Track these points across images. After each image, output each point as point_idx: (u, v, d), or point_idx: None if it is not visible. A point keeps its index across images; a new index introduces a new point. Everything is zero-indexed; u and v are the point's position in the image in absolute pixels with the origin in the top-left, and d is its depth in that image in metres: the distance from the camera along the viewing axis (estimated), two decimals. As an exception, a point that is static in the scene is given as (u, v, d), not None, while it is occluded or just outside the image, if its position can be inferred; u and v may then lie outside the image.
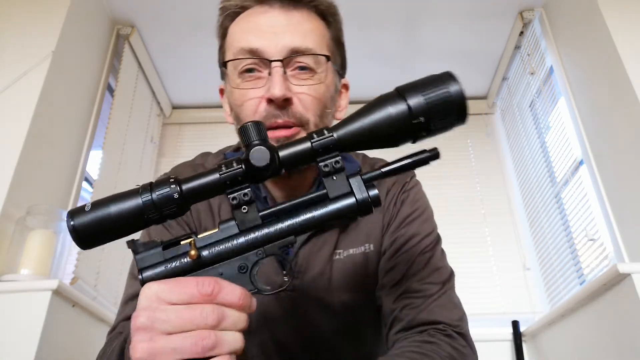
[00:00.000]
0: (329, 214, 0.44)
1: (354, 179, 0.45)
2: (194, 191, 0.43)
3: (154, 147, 2.61)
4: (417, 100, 0.44)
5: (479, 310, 2.26)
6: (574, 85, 2.02)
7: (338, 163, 0.44)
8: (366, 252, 0.73)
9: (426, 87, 0.44)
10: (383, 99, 0.45)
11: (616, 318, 1.44)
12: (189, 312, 0.39)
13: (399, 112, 0.44)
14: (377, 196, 0.45)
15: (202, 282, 0.40)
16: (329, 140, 0.44)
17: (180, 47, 2.41)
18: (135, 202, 0.42)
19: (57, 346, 1.37)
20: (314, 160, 0.44)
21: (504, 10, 2.25)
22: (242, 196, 0.43)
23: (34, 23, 1.83)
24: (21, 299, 1.34)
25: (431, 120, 0.44)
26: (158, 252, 0.44)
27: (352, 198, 0.44)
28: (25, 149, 1.58)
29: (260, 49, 0.66)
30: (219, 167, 0.43)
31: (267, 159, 0.42)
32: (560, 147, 2.09)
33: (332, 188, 0.45)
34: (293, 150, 0.44)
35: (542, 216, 2.25)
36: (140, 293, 0.41)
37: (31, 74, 1.71)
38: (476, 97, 2.82)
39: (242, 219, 0.44)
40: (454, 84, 0.44)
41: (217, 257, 0.44)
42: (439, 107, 0.44)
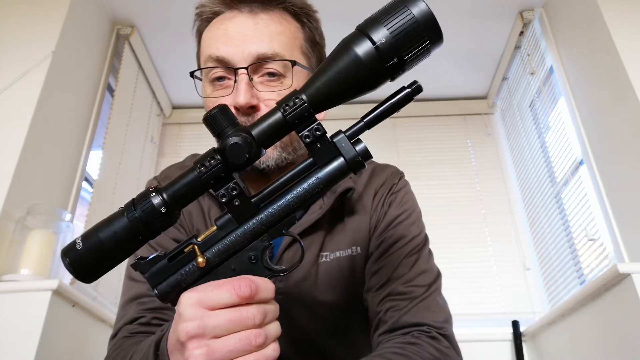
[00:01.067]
0: (321, 181, 0.43)
1: (338, 139, 0.43)
2: (177, 197, 0.42)
3: (154, 147, 2.61)
4: (382, 36, 0.39)
5: (479, 310, 2.27)
6: (574, 85, 2.02)
7: (318, 130, 0.42)
8: (353, 255, 0.72)
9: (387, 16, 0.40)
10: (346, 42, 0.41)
11: (616, 318, 1.44)
12: (237, 314, 0.40)
13: (367, 55, 0.40)
14: (366, 150, 0.43)
15: (238, 286, 0.41)
16: (302, 109, 0.41)
17: (180, 47, 2.40)
18: (122, 223, 0.41)
19: (57, 346, 1.37)
20: (292, 130, 0.42)
21: (504, 10, 2.25)
22: (230, 191, 0.42)
23: (34, 23, 1.83)
24: (21, 299, 1.34)
25: (404, 54, 0.40)
26: (165, 265, 0.44)
27: (340, 158, 0.43)
28: (25, 149, 1.58)
29: (226, 57, 0.66)
30: (196, 167, 0.41)
31: (245, 152, 0.40)
32: (560, 147, 2.09)
33: (319, 155, 0.43)
34: (266, 126, 0.42)
35: (542, 216, 2.25)
36: (179, 304, 0.42)
37: (31, 74, 1.71)
38: (476, 97, 2.82)
39: (237, 211, 0.43)
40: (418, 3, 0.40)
41: (223, 255, 0.43)
42: (408, 36, 0.39)
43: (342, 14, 2.26)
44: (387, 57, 0.40)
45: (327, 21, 0.98)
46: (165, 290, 0.43)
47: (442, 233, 2.39)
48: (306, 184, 0.43)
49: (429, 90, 2.73)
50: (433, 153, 2.67)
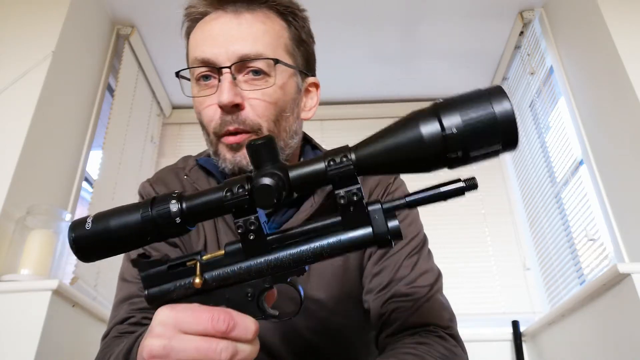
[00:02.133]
0: (342, 244, 0.41)
1: (374, 209, 0.41)
2: (196, 211, 0.41)
3: (154, 147, 2.61)
4: (454, 124, 0.36)
5: (479, 310, 2.26)
6: (574, 85, 2.02)
7: (356, 196, 0.39)
8: (343, 260, 0.72)
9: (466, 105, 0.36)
10: (416, 115, 0.38)
11: (616, 318, 1.44)
12: (205, 345, 0.39)
13: (431, 139, 0.36)
14: (398, 228, 0.40)
15: (217, 318, 0.40)
16: (346, 169, 0.39)
17: (180, 47, 2.39)
18: (134, 218, 0.41)
19: (57, 346, 1.37)
20: (329, 184, 0.40)
21: (504, 10, 2.25)
22: (248, 225, 0.41)
23: (34, 23, 1.83)
24: (21, 299, 1.34)
25: (470, 149, 0.36)
26: (163, 271, 0.43)
27: (369, 229, 0.41)
28: (25, 149, 1.58)
29: (211, 58, 0.67)
30: (224, 189, 0.40)
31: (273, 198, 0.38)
32: (560, 147, 2.09)
33: (349, 218, 0.41)
34: (305, 172, 0.40)
35: (542, 216, 2.25)
36: (154, 318, 0.41)
37: (31, 74, 1.71)
38: (476, 97, 2.81)
39: (249, 245, 0.42)
40: (502, 101, 0.35)
41: (222, 283, 0.42)
42: (479, 132, 0.36)
43: (342, 14, 2.26)
44: (452, 149, 0.36)
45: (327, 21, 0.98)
46: (155, 295, 0.43)
47: (442, 233, 2.39)
48: (326, 242, 0.41)
49: (429, 90, 2.73)
50: (433, 153, 2.67)
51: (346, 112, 2.75)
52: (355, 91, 2.74)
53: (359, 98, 2.78)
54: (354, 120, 2.75)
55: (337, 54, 2.43)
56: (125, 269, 0.74)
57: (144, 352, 0.40)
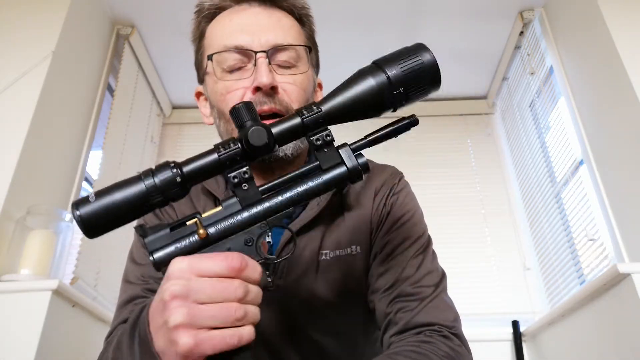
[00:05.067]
0: (323, 183, 0.48)
1: (343, 150, 0.48)
2: (194, 172, 0.45)
3: (154, 147, 2.61)
4: (395, 72, 0.47)
5: (479, 310, 2.26)
6: (574, 85, 2.02)
7: (328, 136, 0.48)
8: (353, 254, 0.73)
9: (402, 58, 0.48)
10: (364, 72, 0.48)
11: (616, 318, 1.44)
12: (221, 284, 0.42)
13: (379, 84, 0.47)
14: (366, 163, 0.48)
15: (231, 257, 0.43)
16: (318, 115, 0.47)
17: (180, 47, 2.40)
18: (138, 187, 0.43)
19: (57, 346, 1.37)
20: (305, 134, 0.47)
21: (504, 10, 2.25)
22: (242, 174, 0.46)
23: (34, 23, 1.83)
24: (21, 299, 1.34)
25: (409, 89, 0.48)
26: (166, 233, 0.46)
27: (343, 167, 0.48)
28: (25, 149, 1.58)
29: (244, 44, 0.69)
30: (217, 148, 0.45)
31: (265, 137, 0.45)
32: (560, 147, 2.09)
33: (324, 160, 0.48)
34: (285, 126, 0.46)
35: (542, 216, 2.25)
36: (169, 269, 0.43)
37: (31, 74, 1.71)
38: (476, 97, 2.82)
39: (243, 195, 0.46)
40: (426, 53, 0.48)
41: (223, 234, 0.46)
42: (415, 76, 0.48)
43: (342, 15, 2.26)
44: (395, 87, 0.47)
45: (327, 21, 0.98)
46: (161, 258, 0.45)
47: (442, 233, 2.39)
48: (309, 183, 0.47)
49: (429, 90, 2.73)
50: (433, 153, 2.67)
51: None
52: (355, 91, 2.73)
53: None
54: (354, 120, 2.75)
55: (339, 54, 2.43)
56: (129, 271, 0.74)
57: (165, 294, 0.42)
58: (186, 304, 0.41)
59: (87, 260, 1.78)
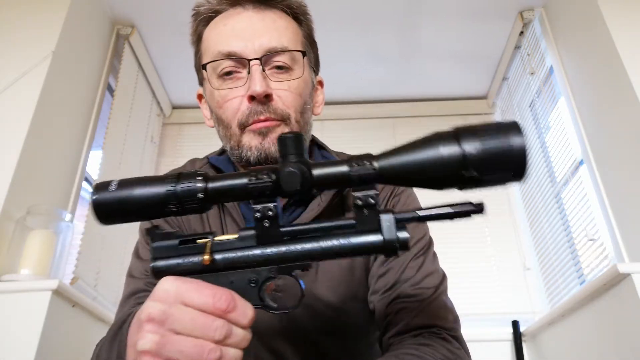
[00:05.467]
0: (350, 246, 0.43)
1: (386, 217, 0.43)
2: (219, 191, 0.42)
3: (154, 147, 2.61)
4: (472, 149, 0.39)
5: (479, 310, 2.26)
6: (574, 85, 2.02)
7: (373, 199, 0.42)
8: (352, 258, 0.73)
9: (486, 134, 0.40)
10: (438, 136, 0.41)
11: (616, 318, 1.44)
12: (202, 318, 0.40)
13: (450, 157, 0.40)
14: (407, 240, 0.43)
15: (219, 296, 0.40)
16: (368, 173, 0.41)
17: (180, 47, 2.40)
18: (158, 190, 0.42)
19: (57, 346, 1.37)
20: (348, 187, 0.42)
21: (504, 10, 2.25)
22: (266, 211, 0.42)
23: (34, 23, 1.83)
24: (21, 299, 1.34)
25: (484, 173, 0.40)
26: (174, 245, 0.44)
27: (379, 236, 0.42)
28: (25, 149, 1.58)
29: (237, 51, 0.68)
30: (249, 174, 0.42)
31: (298, 184, 0.41)
32: (560, 147, 2.09)
33: (361, 221, 0.43)
34: (328, 172, 0.42)
35: (542, 216, 2.25)
36: (157, 286, 0.42)
37: (31, 74, 1.71)
38: (476, 97, 2.82)
39: (263, 232, 0.43)
40: (518, 136, 0.39)
41: (229, 265, 0.43)
42: (495, 160, 0.39)
43: (341, 15, 2.26)
44: (467, 167, 0.40)
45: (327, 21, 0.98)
46: (161, 268, 0.43)
47: (442, 233, 2.38)
48: (336, 241, 0.43)
49: (429, 90, 2.73)
50: (433, 153, 2.67)
51: (346, 112, 2.75)
52: (355, 91, 2.74)
53: (359, 98, 2.78)
54: (354, 120, 2.75)
55: (337, 54, 2.43)
56: (133, 266, 0.74)
57: (142, 314, 0.41)
58: (160, 330, 0.39)
59: (87, 260, 1.78)
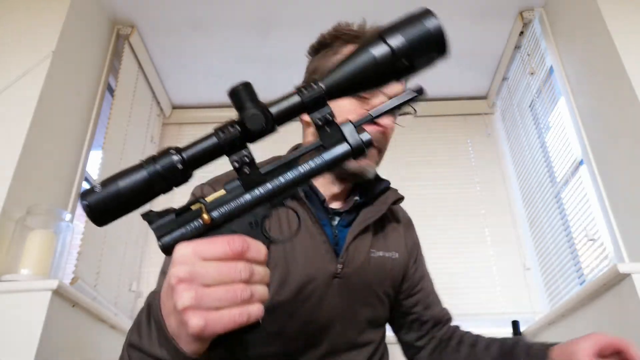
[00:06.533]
0: (324, 162, 0.47)
1: (346, 127, 0.47)
2: (195, 157, 0.45)
3: (154, 147, 2.61)
4: (397, 42, 0.45)
5: (479, 310, 2.26)
6: (574, 85, 2.02)
7: (331, 115, 0.46)
8: (393, 259, 0.91)
9: (405, 26, 0.45)
10: (366, 43, 0.46)
11: (616, 318, 1.44)
12: (226, 267, 0.43)
13: (381, 56, 0.45)
14: (369, 139, 0.47)
15: (232, 241, 0.44)
16: (318, 93, 0.45)
17: (180, 47, 2.41)
18: (141, 174, 0.44)
19: (57, 346, 1.37)
20: (305, 112, 0.46)
21: (504, 10, 2.25)
22: (243, 159, 0.46)
23: (34, 23, 1.83)
24: (21, 299, 1.34)
25: (414, 59, 0.45)
26: (172, 219, 0.46)
27: (345, 144, 0.47)
28: (25, 149, 1.58)
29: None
30: (216, 132, 0.45)
31: (262, 121, 0.44)
32: (560, 147, 2.09)
33: (326, 138, 0.47)
34: (284, 106, 0.46)
35: (542, 216, 2.25)
36: (175, 252, 0.44)
37: (31, 74, 1.71)
38: (476, 97, 2.82)
39: (246, 178, 0.47)
40: (431, 19, 0.46)
41: (227, 217, 0.46)
42: (419, 45, 0.45)
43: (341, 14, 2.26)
44: (398, 58, 0.45)
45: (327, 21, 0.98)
46: (168, 242, 0.45)
47: (442, 233, 2.39)
48: (312, 163, 0.47)
49: (429, 90, 2.72)
50: (433, 153, 2.67)
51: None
52: (355, 91, 2.73)
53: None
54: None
55: (337, 54, 2.43)
56: (165, 263, 0.78)
57: (171, 279, 0.43)
58: (192, 287, 0.42)
59: (87, 260, 1.78)
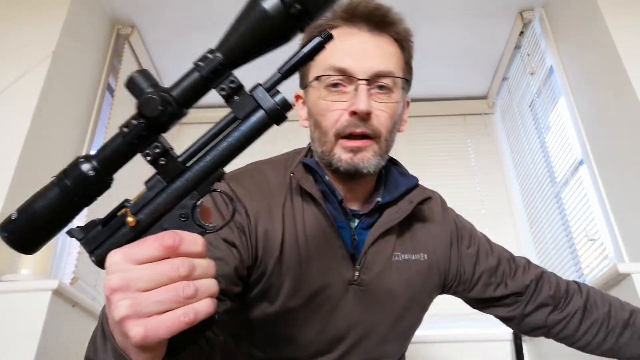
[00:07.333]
0: (243, 135, 0.43)
1: (257, 91, 0.43)
2: (107, 162, 0.42)
3: (154, 147, 2.61)
4: None
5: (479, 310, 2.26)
6: (574, 85, 2.02)
7: (233, 82, 0.42)
8: (421, 261, 0.84)
9: None
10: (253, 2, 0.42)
11: (616, 318, 1.44)
12: (161, 266, 0.40)
13: (273, 7, 0.41)
14: (284, 100, 0.43)
15: (162, 237, 0.40)
16: (216, 62, 0.41)
17: (180, 47, 2.41)
18: (54, 193, 0.42)
19: (57, 346, 1.37)
20: (210, 87, 0.43)
21: (504, 10, 2.25)
22: (154, 150, 0.43)
23: (34, 23, 1.83)
24: (21, 299, 1.34)
25: (307, 2, 0.41)
26: (99, 230, 0.43)
27: (260, 110, 0.43)
28: (25, 149, 1.58)
29: (349, 68, 0.75)
30: (120, 131, 0.42)
31: (157, 105, 0.40)
32: (560, 147, 2.09)
33: (238, 108, 0.43)
34: (185, 86, 0.42)
35: (542, 216, 2.25)
36: (106, 262, 0.41)
37: (31, 74, 1.71)
38: (476, 97, 2.82)
39: (164, 171, 0.43)
40: None
41: (154, 215, 0.43)
42: None
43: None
44: (290, 6, 0.40)
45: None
46: (101, 255, 0.43)
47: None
48: (231, 139, 0.43)
49: (429, 90, 2.73)
50: (433, 153, 2.67)
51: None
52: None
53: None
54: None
55: (337, 54, 2.43)
56: None
57: (105, 291, 0.40)
58: (127, 294, 0.39)
59: (87, 260, 1.78)
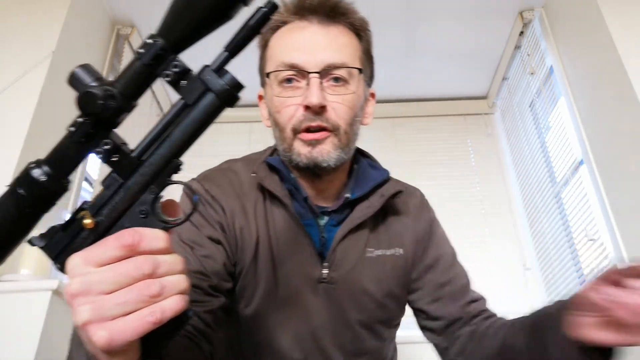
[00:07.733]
0: (195, 122, 0.41)
1: (204, 73, 0.41)
2: (58, 166, 0.41)
3: (154, 147, 2.61)
4: None
5: (479, 310, 2.26)
6: (574, 85, 2.02)
7: (177, 67, 0.40)
8: (396, 255, 0.82)
9: None
10: None
11: (616, 318, 1.44)
12: (121, 266, 0.38)
13: None
14: (233, 79, 0.41)
15: (121, 236, 0.39)
16: (157, 47, 0.39)
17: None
18: (9, 202, 0.40)
19: (57, 346, 1.37)
20: (155, 75, 0.40)
21: (504, 10, 2.25)
22: (104, 147, 0.41)
23: (34, 23, 1.83)
24: (21, 299, 1.34)
25: None
26: (60, 236, 0.43)
27: (210, 94, 0.41)
28: (25, 149, 1.58)
29: (299, 63, 0.73)
30: (68, 132, 0.40)
31: (96, 97, 0.38)
32: (560, 147, 2.09)
33: (187, 94, 0.41)
34: (127, 77, 0.40)
35: (542, 216, 2.25)
36: (66, 267, 0.40)
37: (31, 74, 1.71)
38: (476, 97, 2.82)
39: (119, 167, 0.42)
40: None
41: (114, 214, 0.41)
42: None
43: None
44: None
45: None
46: (62, 259, 0.41)
47: (442, 233, 2.39)
48: (183, 127, 0.42)
49: (429, 90, 2.73)
50: (433, 153, 2.67)
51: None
52: (355, 91, 2.74)
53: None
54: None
55: (337, 54, 2.43)
56: None
57: (67, 296, 0.39)
58: (88, 298, 0.37)
59: (87, 260, 1.78)
